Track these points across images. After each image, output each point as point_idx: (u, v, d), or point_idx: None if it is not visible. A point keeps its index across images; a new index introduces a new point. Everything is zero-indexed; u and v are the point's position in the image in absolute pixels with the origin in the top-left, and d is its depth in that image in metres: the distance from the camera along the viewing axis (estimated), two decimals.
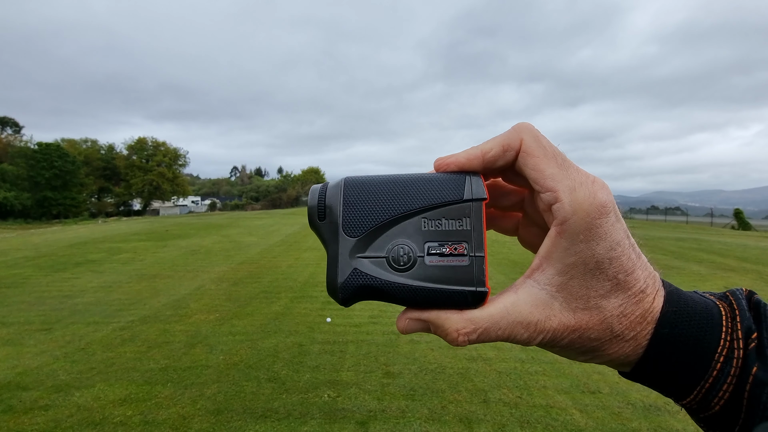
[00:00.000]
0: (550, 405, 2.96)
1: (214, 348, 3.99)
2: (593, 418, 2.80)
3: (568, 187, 0.28)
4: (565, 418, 2.80)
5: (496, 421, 2.76)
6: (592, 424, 2.74)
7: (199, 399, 3.05)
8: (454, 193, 0.31)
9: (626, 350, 0.30)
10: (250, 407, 2.94)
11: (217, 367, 3.58)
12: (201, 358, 3.75)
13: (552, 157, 0.29)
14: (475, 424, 2.74)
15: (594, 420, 2.78)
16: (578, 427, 2.71)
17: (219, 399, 3.05)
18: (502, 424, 2.73)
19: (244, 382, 3.29)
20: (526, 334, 0.29)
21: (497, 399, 3.04)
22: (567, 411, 2.89)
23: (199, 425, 2.73)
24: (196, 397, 3.08)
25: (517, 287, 0.30)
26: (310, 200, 0.33)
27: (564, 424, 2.74)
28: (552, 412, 2.88)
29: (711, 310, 0.30)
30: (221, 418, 2.81)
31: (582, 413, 2.86)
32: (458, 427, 2.71)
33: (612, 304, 0.29)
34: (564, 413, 2.86)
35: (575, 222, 0.28)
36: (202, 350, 3.94)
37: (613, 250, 0.28)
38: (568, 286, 0.29)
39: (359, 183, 0.32)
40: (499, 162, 0.31)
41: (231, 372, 3.48)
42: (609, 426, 2.71)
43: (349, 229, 0.31)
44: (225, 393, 3.13)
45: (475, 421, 2.76)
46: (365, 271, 0.30)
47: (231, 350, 3.93)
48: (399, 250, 0.31)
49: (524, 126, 0.31)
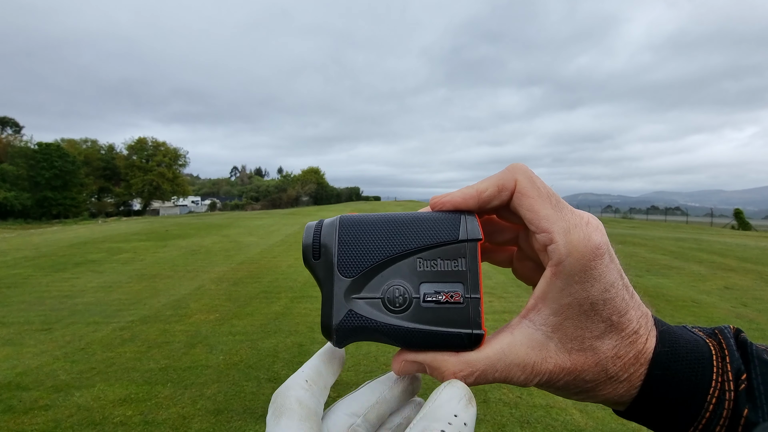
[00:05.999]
0: (550, 405, 2.96)
1: (214, 348, 3.99)
2: (593, 418, 2.80)
3: (563, 228, 0.28)
4: (565, 418, 2.81)
5: (496, 421, 2.76)
6: (592, 424, 2.74)
7: (199, 399, 3.05)
8: (449, 233, 0.31)
9: (620, 391, 0.30)
10: (250, 407, 2.94)
11: (217, 367, 3.58)
12: (201, 358, 3.75)
13: (546, 198, 0.29)
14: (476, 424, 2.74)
15: (594, 420, 2.78)
16: (578, 427, 2.71)
17: (219, 399, 3.05)
18: (502, 424, 2.73)
19: (244, 382, 3.29)
20: (523, 376, 0.29)
21: (497, 399, 3.04)
22: (567, 411, 2.89)
23: (199, 425, 2.73)
24: (196, 397, 3.08)
25: (512, 328, 0.30)
26: (304, 238, 0.32)
27: (564, 424, 2.74)
28: (552, 412, 2.88)
29: (702, 349, 0.30)
30: (221, 418, 2.81)
31: (582, 413, 2.86)
32: None
33: (606, 346, 0.29)
34: (564, 413, 2.86)
35: (570, 264, 0.28)
36: (202, 350, 3.94)
37: (607, 291, 0.28)
38: (563, 327, 0.29)
39: (355, 222, 0.32)
40: (494, 202, 0.31)
41: (231, 372, 3.48)
42: (609, 426, 2.71)
43: (344, 270, 0.31)
44: (225, 393, 3.13)
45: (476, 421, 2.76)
46: (360, 312, 0.30)
47: (231, 350, 3.93)
48: (394, 291, 0.30)
49: (519, 167, 0.31)
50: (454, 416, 0.24)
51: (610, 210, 48.05)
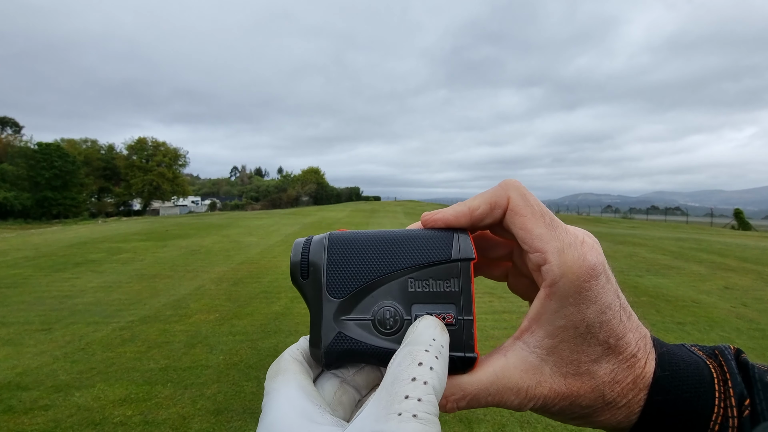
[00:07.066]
0: None
1: (214, 348, 3.99)
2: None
3: (557, 248, 0.28)
4: None
5: (496, 421, 2.76)
6: None
7: (199, 399, 3.05)
8: (441, 252, 0.30)
9: (619, 417, 0.29)
10: (250, 407, 2.94)
11: (217, 367, 3.58)
12: (201, 358, 3.75)
13: (540, 217, 0.29)
14: (475, 424, 2.74)
15: None
16: (578, 427, 2.70)
17: (219, 399, 3.05)
18: (502, 424, 2.73)
19: (244, 382, 3.29)
20: (517, 400, 0.29)
21: None
22: None
23: (199, 425, 2.73)
24: (196, 397, 3.08)
25: (506, 350, 0.30)
26: (292, 256, 0.31)
27: (564, 423, 2.74)
28: None
29: (702, 372, 0.29)
30: (221, 418, 2.81)
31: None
32: (458, 427, 2.71)
33: (603, 370, 0.28)
34: None
35: (564, 285, 0.27)
36: (202, 350, 3.94)
37: (603, 313, 0.28)
38: (558, 350, 0.28)
39: (344, 239, 0.31)
40: (486, 220, 0.30)
41: (231, 372, 3.48)
42: None
43: (333, 290, 0.30)
44: (225, 393, 3.13)
45: (475, 421, 2.76)
46: (350, 335, 0.29)
47: (231, 350, 3.93)
48: (385, 313, 0.29)
49: (511, 183, 0.30)
50: (433, 340, 0.26)
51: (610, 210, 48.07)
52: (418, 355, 0.24)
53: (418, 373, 0.23)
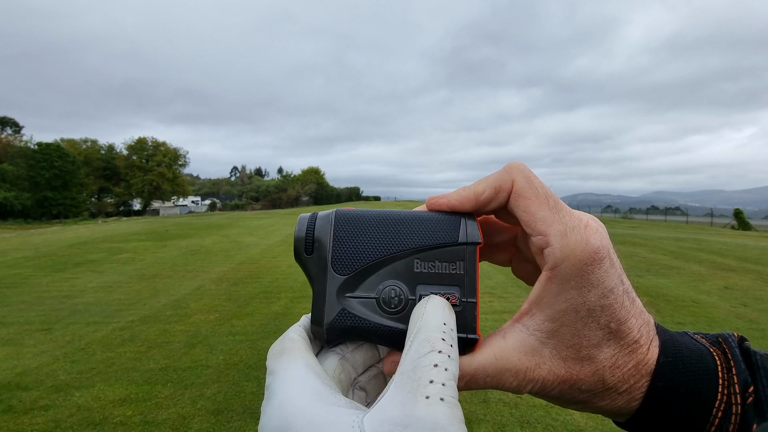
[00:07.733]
0: (550, 405, 2.96)
1: (214, 348, 3.99)
2: (593, 418, 2.80)
3: (560, 231, 0.27)
4: (565, 418, 2.81)
5: (496, 421, 2.76)
6: (592, 424, 2.74)
7: (199, 399, 3.05)
8: (449, 234, 0.30)
9: (619, 402, 0.29)
10: (250, 407, 2.94)
11: (217, 367, 3.58)
12: (201, 358, 3.75)
13: (544, 200, 0.29)
14: (475, 424, 2.74)
15: (594, 420, 2.78)
16: (578, 427, 2.71)
17: (219, 399, 3.05)
18: (502, 424, 2.73)
19: (244, 382, 3.29)
20: (515, 382, 0.28)
21: (497, 399, 3.04)
22: (567, 411, 2.88)
23: (199, 425, 2.73)
24: (196, 397, 3.08)
25: (505, 332, 0.30)
26: (297, 231, 0.31)
27: (564, 424, 2.74)
28: (552, 412, 2.88)
29: (705, 358, 0.29)
30: (221, 418, 2.81)
31: (582, 413, 2.86)
32: None
33: (604, 355, 0.28)
34: (564, 413, 2.86)
35: (566, 268, 0.27)
36: (202, 350, 3.94)
37: (605, 297, 0.27)
38: (558, 334, 0.28)
39: (351, 217, 0.31)
40: (491, 204, 0.30)
41: (231, 372, 3.48)
42: (609, 426, 2.71)
43: (338, 267, 0.30)
44: (225, 393, 3.13)
45: (475, 421, 2.76)
46: (353, 312, 0.29)
47: (231, 350, 3.93)
48: (390, 292, 0.29)
49: (516, 166, 0.30)
50: (444, 324, 0.26)
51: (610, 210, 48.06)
52: (436, 343, 0.25)
53: (438, 360, 0.24)
